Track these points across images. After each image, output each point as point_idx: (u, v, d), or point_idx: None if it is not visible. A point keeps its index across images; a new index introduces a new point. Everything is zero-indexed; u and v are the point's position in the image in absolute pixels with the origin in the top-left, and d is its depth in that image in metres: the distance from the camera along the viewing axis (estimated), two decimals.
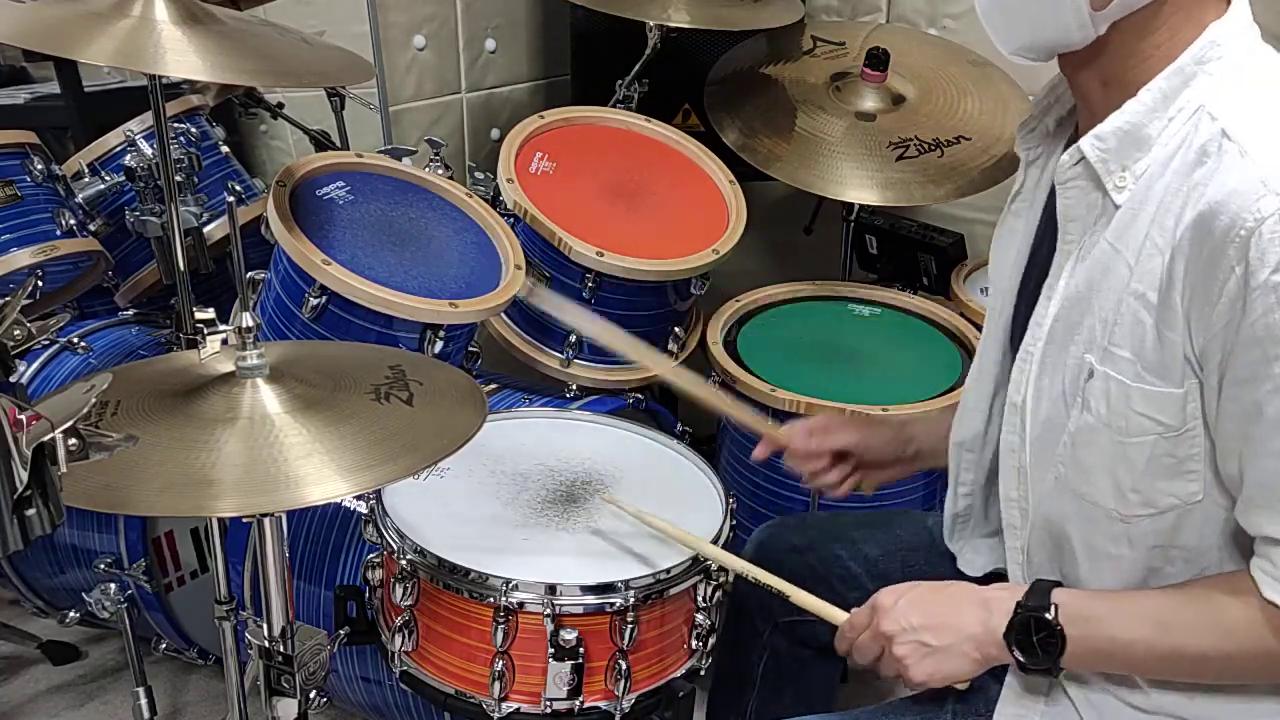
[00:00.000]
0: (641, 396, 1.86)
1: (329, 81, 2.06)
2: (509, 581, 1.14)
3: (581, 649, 1.14)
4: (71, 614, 1.98)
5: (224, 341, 1.08)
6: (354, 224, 1.65)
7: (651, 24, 2.03)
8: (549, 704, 1.16)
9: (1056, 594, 1.00)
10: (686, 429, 1.85)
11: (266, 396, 1.05)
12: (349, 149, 2.21)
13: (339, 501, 1.53)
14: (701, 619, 1.23)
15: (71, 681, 2.11)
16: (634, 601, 1.15)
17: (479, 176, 1.95)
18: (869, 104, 2.10)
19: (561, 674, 1.15)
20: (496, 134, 2.48)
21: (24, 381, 0.94)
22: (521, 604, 1.14)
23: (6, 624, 2.13)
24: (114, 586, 1.77)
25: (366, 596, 1.31)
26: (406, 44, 2.26)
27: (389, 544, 1.22)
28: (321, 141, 2.27)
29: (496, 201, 1.85)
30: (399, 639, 1.22)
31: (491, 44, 2.44)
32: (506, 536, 1.25)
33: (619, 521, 1.28)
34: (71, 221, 1.87)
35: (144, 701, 1.80)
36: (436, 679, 1.21)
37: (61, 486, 0.69)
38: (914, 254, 2.24)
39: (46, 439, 0.68)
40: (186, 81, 2.04)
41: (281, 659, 1.13)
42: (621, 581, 1.15)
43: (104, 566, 1.81)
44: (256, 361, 1.07)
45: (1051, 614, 0.98)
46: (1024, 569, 1.11)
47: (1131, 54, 0.95)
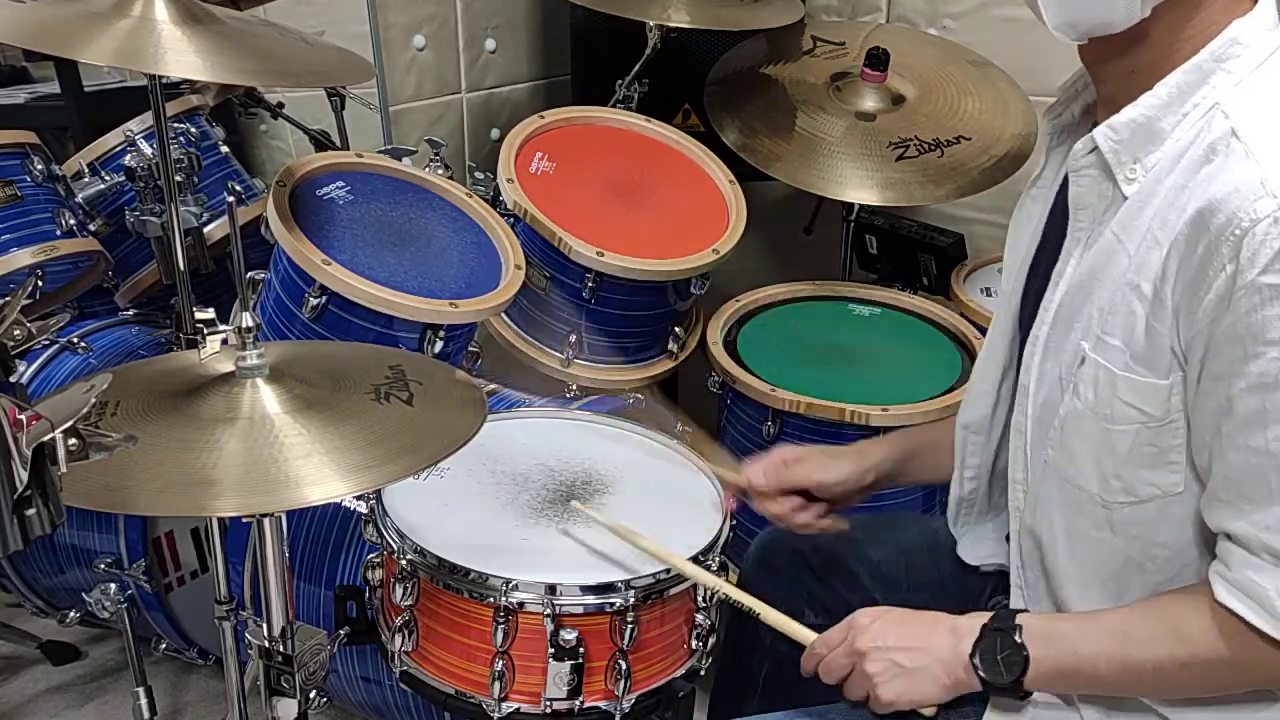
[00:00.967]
0: (641, 396, 1.86)
1: (329, 81, 2.06)
2: (509, 581, 1.14)
3: (581, 649, 1.14)
4: (71, 614, 1.98)
5: (224, 341, 1.08)
6: (354, 224, 1.66)
7: (651, 24, 2.03)
8: (549, 704, 1.16)
9: (1022, 617, 1.02)
10: (686, 429, 1.84)
11: (266, 396, 1.05)
12: (349, 149, 2.21)
13: (339, 501, 1.53)
14: (701, 619, 1.23)
15: (71, 681, 2.11)
16: (634, 601, 1.15)
17: (479, 176, 1.96)
18: (869, 104, 2.10)
19: (561, 674, 1.15)
20: (496, 134, 2.48)
21: (24, 381, 0.94)
22: (521, 604, 1.14)
23: (6, 624, 2.13)
24: (114, 586, 1.77)
25: (366, 596, 1.31)
26: (406, 44, 2.26)
27: (389, 544, 1.22)
28: (321, 141, 2.27)
29: (496, 201, 1.85)
30: (399, 639, 1.22)
31: (491, 44, 2.44)
32: (506, 536, 1.25)
33: (618, 521, 1.28)
34: (71, 221, 1.87)
35: (144, 701, 1.80)
36: (436, 679, 1.21)
37: (61, 486, 0.69)
38: (914, 254, 2.24)
39: (46, 439, 0.68)
40: (186, 81, 2.04)
41: (281, 659, 1.13)
42: (621, 581, 1.15)
43: (104, 566, 1.81)
44: (256, 361, 1.07)
45: (1017, 634, 1.00)
46: (1020, 554, 1.11)
47: (1165, 44, 0.95)
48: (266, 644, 1.13)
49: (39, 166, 1.86)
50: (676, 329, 1.92)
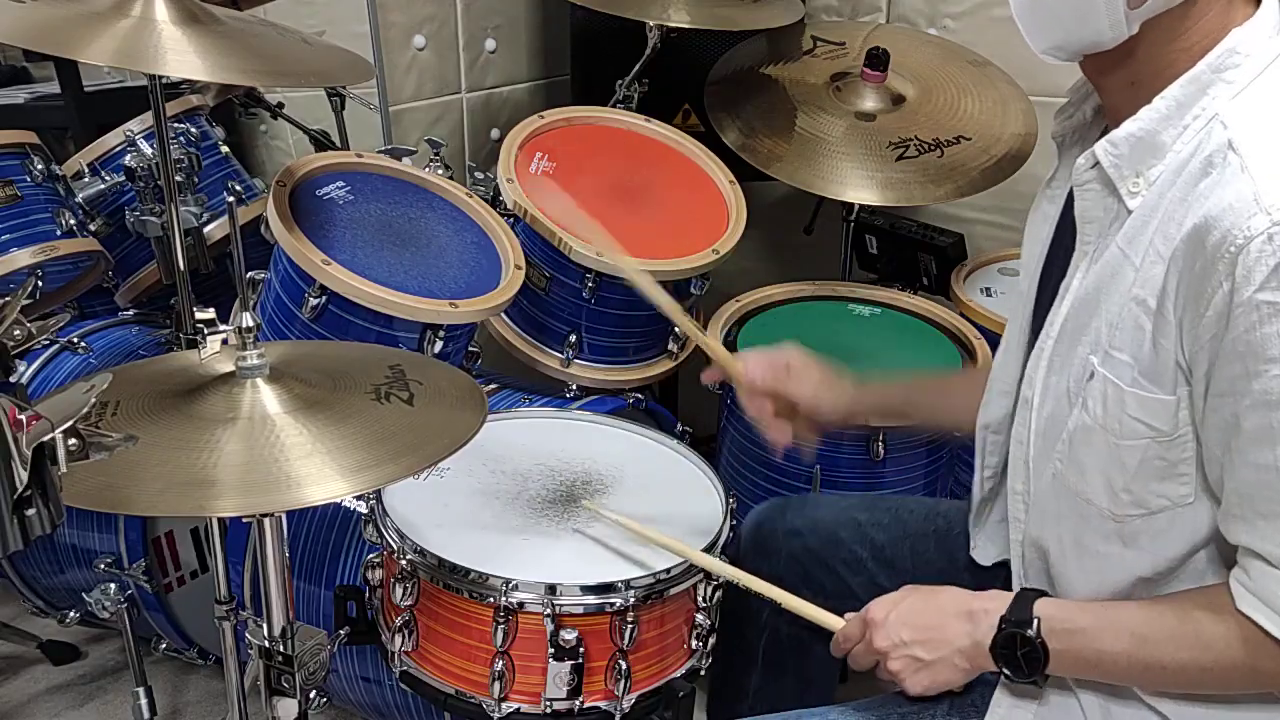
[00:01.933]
0: (641, 396, 1.86)
1: (329, 81, 2.07)
2: (509, 581, 1.14)
3: (581, 649, 1.14)
4: (71, 614, 1.98)
5: (224, 341, 1.08)
6: (354, 224, 1.65)
7: (651, 24, 2.02)
8: (549, 704, 1.16)
9: (1039, 606, 1.01)
10: (686, 429, 1.84)
11: (266, 396, 1.05)
12: (349, 149, 2.21)
13: (339, 501, 1.53)
14: (701, 619, 1.23)
15: (71, 681, 2.11)
16: (634, 601, 1.15)
17: (479, 176, 1.95)
18: (869, 104, 2.10)
19: (561, 674, 1.15)
20: (496, 134, 2.48)
21: (24, 381, 0.94)
22: (521, 604, 1.14)
23: (6, 624, 2.13)
24: (114, 586, 1.77)
25: (366, 596, 1.31)
26: (406, 44, 2.26)
27: (389, 544, 1.22)
28: (321, 141, 2.27)
29: (496, 201, 1.85)
30: (399, 639, 1.22)
31: (491, 44, 2.44)
32: (506, 536, 1.25)
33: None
34: (71, 221, 1.87)
35: (144, 701, 1.80)
36: (436, 679, 1.21)
37: (61, 486, 0.69)
38: (914, 254, 2.24)
39: (46, 439, 0.68)
40: (186, 81, 2.04)
41: (281, 659, 1.13)
42: (621, 581, 1.15)
43: (104, 566, 1.81)
44: (256, 361, 1.07)
45: (1034, 628, 1.00)
46: (1022, 562, 1.11)
47: (1160, 56, 0.95)
48: (266, 644, 1.13)
49: (39, 166, 1.86)
50: (676, 329, 1.92)
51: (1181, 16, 0.93)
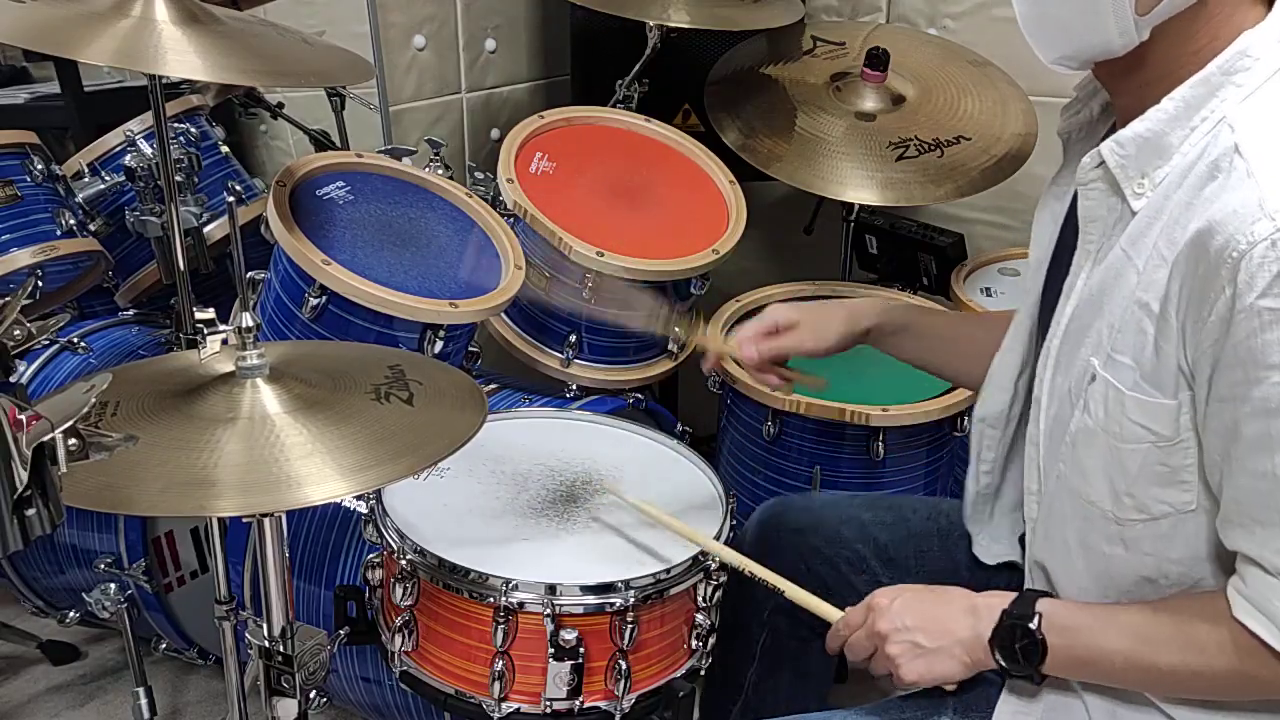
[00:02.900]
0: (641, 396, 1.86)
1: (329, 81, 2.07)
2: (509, 581, 1.14)
3: (581, 649, 1.14)
4: (71, 614, 1.98)
5: (224, 341, 1.08)
6: (354, 224, 1.66)
7: (651, 24, 2.02)
8: (549, 704, 1.16)
9: (1042, 603, 1.02)
10: (686, 429, 1.85)
11: (266, 396, 1.05)
12: (349, 149, 2.21)
13: (339, 501, 1.53)
14: (701, 619, 1.23)
15: (71, 681, 2.11)
16: (634, 601, 1.15)
17: (479, 176, 1.95)
18: (869, 104, 2.10)
19: (561, 674, 1.15)
20: (496, 134, 2.48)
21: (24, 381, 0.94)
22: (521, 604, 1.14)
23: (6, 624, 2.13)
24: (114, 586, 1.77)
25: (366, 596, 1.31)
26: (406, 44, 2.26)
27: (389, 544, 1.22)
28: (321, 141, 2.27)
29: (496, 201, 1.85)
30: (399, 639, 1.22)
31: (491, 44, 2.44)
32: (506, 536, 1.25)
33: (619, 521, 1.28)
34: (71, 221, 1.87)
35: (144, 701, 1.80)
36: (436, 679, 1.21)
37: (61, 486, 0.69)
38: (914, 254, 2.24)
39: (46, 439, 0.68)
40: (186, 81, 2.04)
41: (281, 659, 1.13)
42: (621, 581, 1.15)
43: (104, 566, 1.81)
44: (256, 361, 1.07)
45: (1035, 623, 1.00)
46: (1031, 563, 1.11)
47: (1170, 60, 0.94)
48: (266, 644, 1.13)
49: (39, 166, 1.86)
50: (676, 329, 1.92)
51: (1191, 20, 0.93)
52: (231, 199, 1.21)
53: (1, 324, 0.76)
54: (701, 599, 1.22)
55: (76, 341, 1.95)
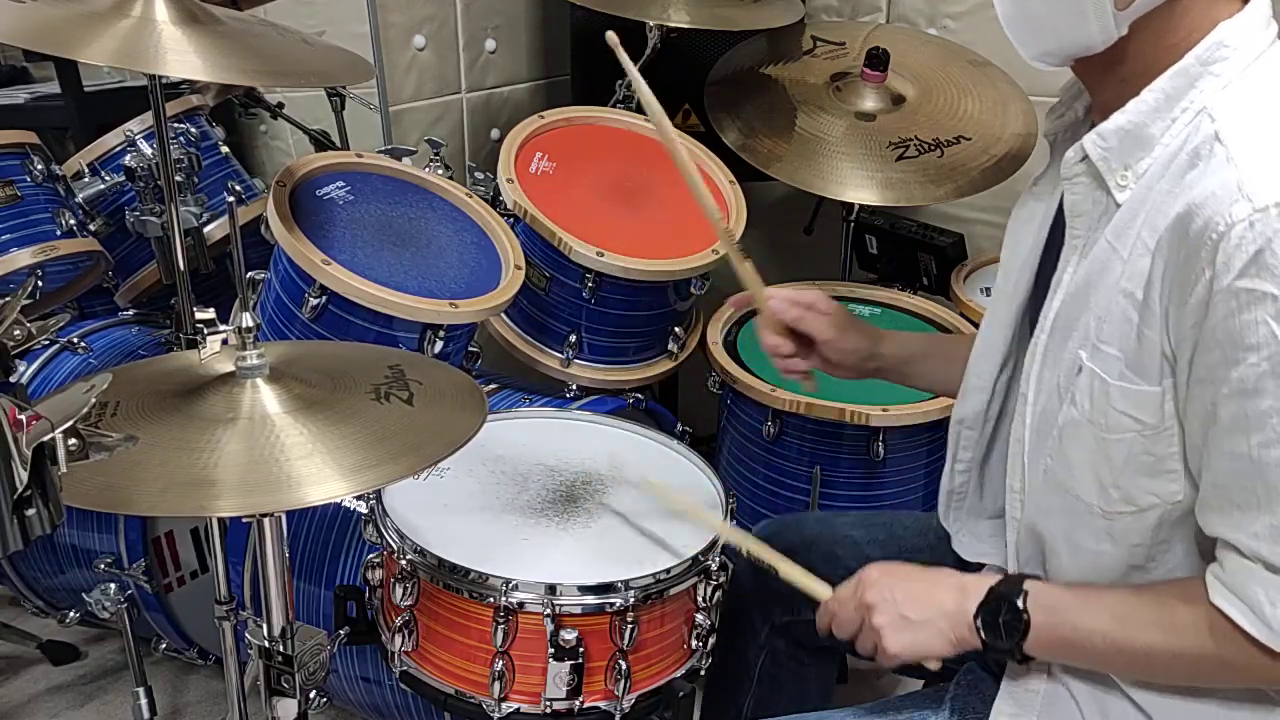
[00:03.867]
0: (641, 396, 1.86)
1: (329, 81, 2.07)
2: (509, 581, 1.14)
3: (581, 649, 1.14)
4: (71, 614, 1.98)
5: (224, 341, 1.08)
6: (354, 224, 1.66)
7: (651, 24, 2.02)
8: (549, 704, 1.16)
9: (1029, 583, 1.03)
10: (686, 429, 1.85)
11: (266, 396, 1.05)
12: (349, 149, 2.21)
13: (339, 501, 1.53)
14: (701, 619, 1.23)
15: (71, 681, 2.11)
16: (634, 601, 1.15)
17: (479, 176, 1.96)
18: (869, 104, 2.10)
19: (561, 674, 1.15)
20: (496, 134, 2.48)
21: (24, 381, 0.94)
22: (521, 604, 1.14)
23: (6, 624, 2.13)
24: (114, 586, 1.77)
25: (366, 596, 1.31)
26: (406, 44, 2.26)
27: (389, 544, 1.22)
28: (321, 141, 2.27)
29: (496, 201, 1.85)
30: (399, 639, 1.22)
31: (491, 44, 2.44)
32: (506, 536, 1.25)
33: (619, 522, 1.28)
34: (71, 221, 1.87)
35: (144, 701, 1.80)
36: (436, 679, 1.21)
37: (61, 486, 0.69)
38: (914, 254, 2.24)
39: (46, 439, 0.68)
40: (186, 81, 2.04)
41: (281, 659, 1.13)
42: (621, 581, 1.15)
43: (104, 566, 1.81)
44: (256, 361, 1.07)
45: (1021, 600, 1.01)
46: (1017, 560, 1.11)
47: (1149, 55, 0.95)
48: (266, 644, 1.13)
49: (39, 166, 1.86)
50: (676, 329, 1.92)
51: (1168, 14, 0.94)
52: (231, 199, 1.21)
53: (1, 324, 0.76)
54: (701, 599, 1.22)
55: (76, 341, 1.95)
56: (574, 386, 1.83)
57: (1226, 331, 0.86)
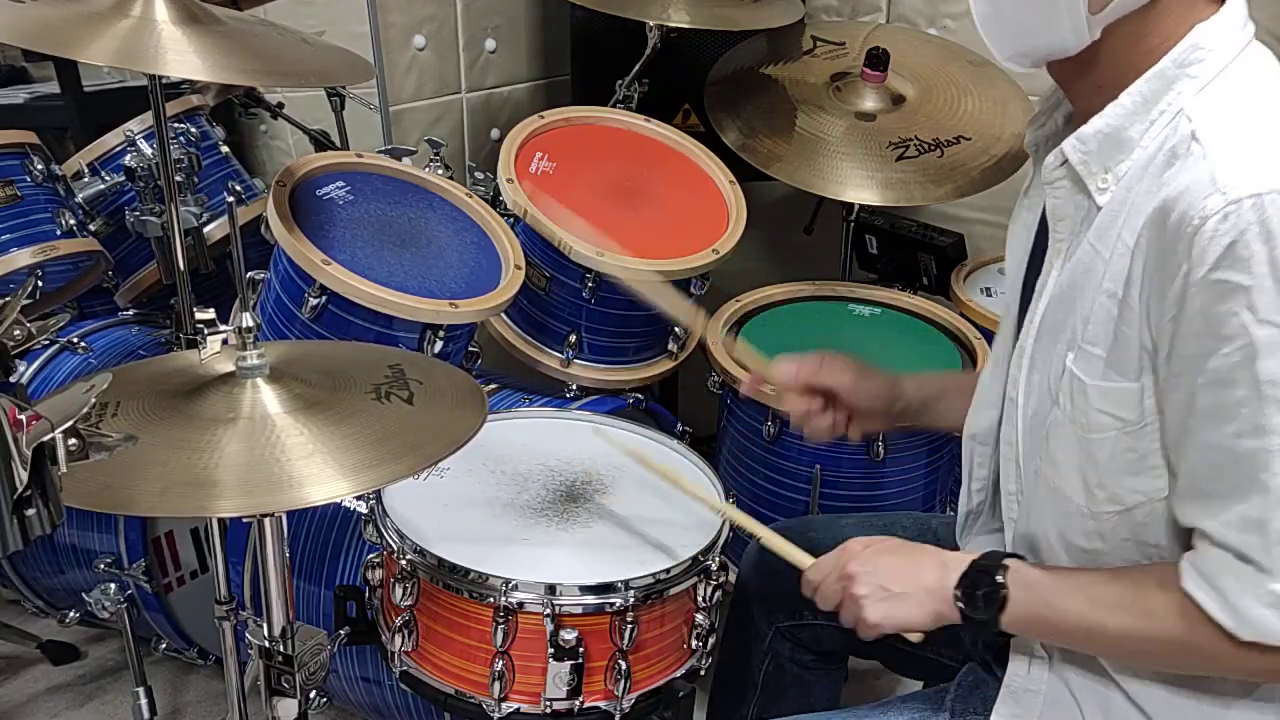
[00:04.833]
0: (641, 396, 1.86)
1: (329, 81, 2.07)
2: (509, 581, 1.14)
3: (581, 649, 1.14)
4: (71, 614, 1.98)
5: (224, 341, 1.08)
6: (354, 224, 1.66)
7: (651, 24, 2.02)
8: (549, 704, 1.16)
9: (1009, 560, 1.05)
10: (686, 429, 1.85)
11: (266, 396, 1.05)
12: (349, 149, 2.21)
13: (339, 501, 1.53)
14: (701, 619, 1.24)
15: (71, 681, 2.11)
16: (634, 601, 1.15)
17: (479, 176, 1.95)
18: (869, 104, 2.10)
19: (561, 674, 1.15)
20: (496, 134, 2.48)
21: (24, 381, 0.94)
22: (521, 604, 1.14)
23: (6, 624, 2.13)
24: (114, 586, 1.77)
25: (366, 596, 1.31)
26: (406, 44, 2.26)
27: (389, 544, 1.22)
28: (321, 141, 2.27)
29: (496, 201, 1.85)
30: (399, 639, 1.22)
31: (491, 44, 2.44)
32: (506, 536, 1.25)
33: (619, 522, 1.28)
34: (71, 221, 1.87)
35: (144, 701, 1.81)
36: (436, 679, 1.21)
37: (61, 486, 0.69)
38: (914, 254, 2.24)
39: (46, 439, 0.68)
40: (186, 81, 2.04)
41: (281, 659, 1.13)
42: (621, 581, 1.15)
43: (104, 566, 1.81)
44: (256, 361, 1.07)
45: (1000, 574, 1.03)
46: None
47: (1125, 59, 0.96)
48: (266, 644, 1.13)
49: (39, 166, 1.86)
50: (676, 329, 1.92)
51: (1143, 18, 0.94)
52: (231, 199, 1.21)
53: (1, 324, 0.76)
54: (701, 599, 1.22)
55: (76, 341, 1.95)
56: (574, 386, 1.83)
57: (1204, 323, 0.87)
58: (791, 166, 2.00)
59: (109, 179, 1.96)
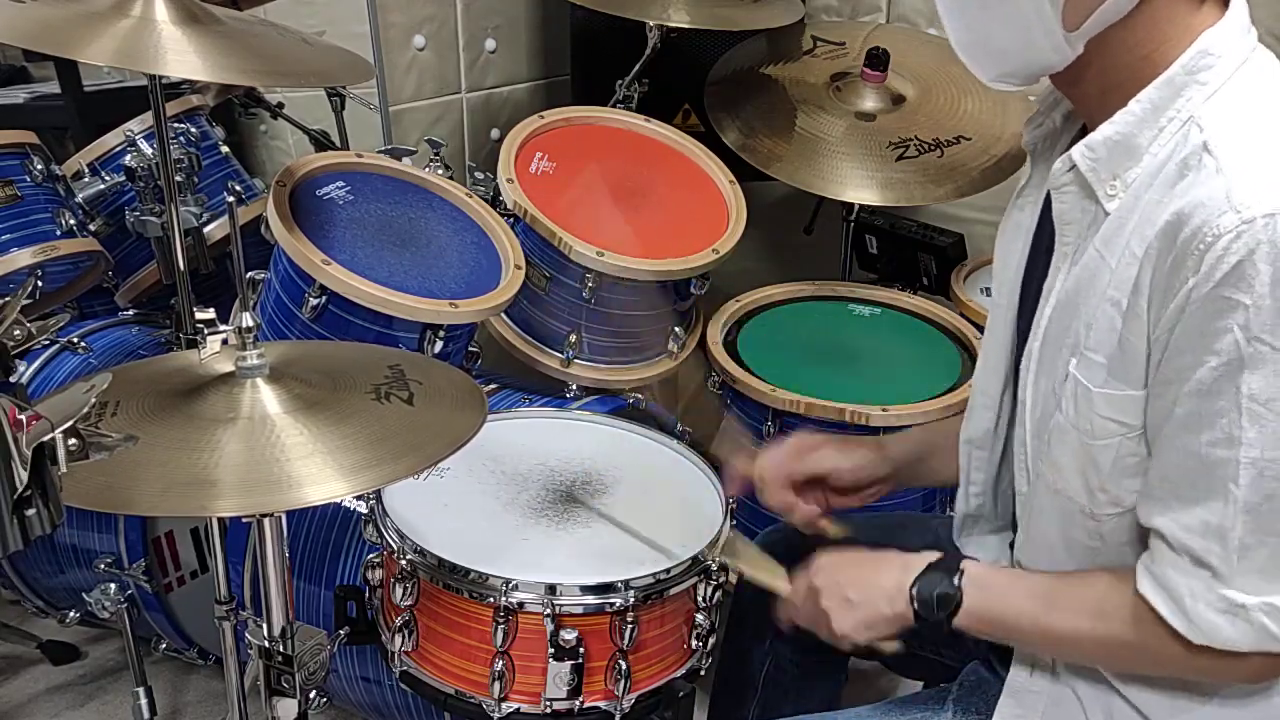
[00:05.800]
0: (641, 396, 1.86)
1: (329, 81, 2.07)
2: (509, 581, 1.14)
3: (581, 649, 1.14)
4: (71, 614, 1.98)
5: (224, 341, 1.08)
6: (354, 224, 1.66)
7: (651, 24, 2.03)
8: (549, 704, 1.16)
9: (967, 561, 1.07)
10: (686, 429, 1.85)
11: (266, 396, 1.05)
12: (349, 149, 2.21)
13: (339, 501, 1.53)
14: (701, 619, 1.23)
15: (71, 681, 2.11)
16: (634, 601, 1.15)
17: (479, 176, 1.95)
18: (869, 104, 2.10)
19: (561, 674, 1.15)
20: (496, 134, 2.48)
21: (24, 381, 0.94)
22: (521, 604, 1.14)
23: (6, 624, 2.13)
24: (114, 586, 1.77)
25: (366, 596, 1.31)
26: (406, 44, 2.26)
27: (389, 544, 1.22)
28: (321, 141, 2.27)
29: (496, 201, 1.85)
30: (399, 639, 1.22)
31: (491, 44, 2.44)
32: (506, 536, 1.25)
33: (619, 521, 1.28)
34: (71, 221, 1.87)
35: (144, 701, 1.80)
36: (436, 679, 1.21)
37: (61, 486, 0.69)
38: (914, 254, 2.24)
39: (46, 439, 0.68)
40: (186, 81, 2.04)
41: (281, 659, 1.13)
42: (621, 581, 1.15)
43: (104, 566, 1.81)
44: (256, 361, 1.07)
45: (956, 577, 1.05)
46: (1019, 564, 1.12)
47: (1122, 67, 0.95)
48: (266, 644, 1.13)
49: (39, 166, 1.85)
50: (676, 329, 1.92)
51: (1129, 29, 0.93)
52: (231, 199, 1.21)
53: (1, 324, 0.76)
54: (701, 599, 1.22)
55: (76, 341, 1.95)
56: (574, 386, 1.83)
57: (1200, 335, 0.88)
58: (791, 166, 2.00)
59: (109, 179, 1.96)
